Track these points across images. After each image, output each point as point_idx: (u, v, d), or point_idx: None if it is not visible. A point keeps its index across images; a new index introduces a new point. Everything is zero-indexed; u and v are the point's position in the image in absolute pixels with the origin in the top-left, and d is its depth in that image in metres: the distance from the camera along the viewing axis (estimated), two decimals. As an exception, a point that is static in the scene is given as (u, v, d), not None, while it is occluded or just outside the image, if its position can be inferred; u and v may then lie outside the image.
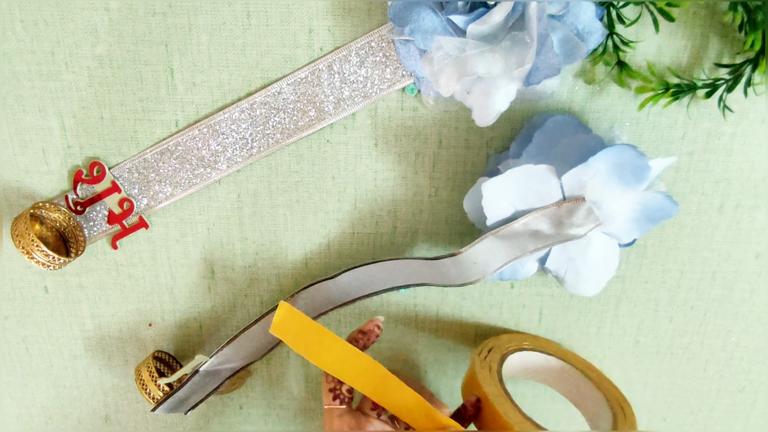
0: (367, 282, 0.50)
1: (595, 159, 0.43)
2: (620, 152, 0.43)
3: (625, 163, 0.43)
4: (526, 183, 0.44)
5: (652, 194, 0.45)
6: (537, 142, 0.45)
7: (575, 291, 0.47)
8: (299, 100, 0.47)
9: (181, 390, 0.51)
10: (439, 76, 0.43)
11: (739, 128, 0.47)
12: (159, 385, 0.51)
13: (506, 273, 0.47)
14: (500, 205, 0.45)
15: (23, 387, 0.59)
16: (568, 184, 0.44)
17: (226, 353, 0.51)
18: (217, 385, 0.53)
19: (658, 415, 0.58)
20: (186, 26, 0.46)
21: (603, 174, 0.43)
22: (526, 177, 0.44)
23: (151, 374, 0.52)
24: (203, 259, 0.53)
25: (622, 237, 0.46)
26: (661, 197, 0.45)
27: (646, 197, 0.45)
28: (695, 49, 0.45)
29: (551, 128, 0.45)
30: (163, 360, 0.55)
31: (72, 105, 0.48)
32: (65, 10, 0.45)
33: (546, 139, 0.45)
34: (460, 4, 0.41)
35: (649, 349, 0.55)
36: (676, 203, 0.45)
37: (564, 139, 0.44)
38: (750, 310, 0.54)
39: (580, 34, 0.42)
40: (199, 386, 0.52)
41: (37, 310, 0.55)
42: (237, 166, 0.49)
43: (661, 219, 0.46)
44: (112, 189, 0.49)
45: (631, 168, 0.43)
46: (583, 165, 0.43)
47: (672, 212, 0.46)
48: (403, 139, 0.49)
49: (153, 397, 0.52)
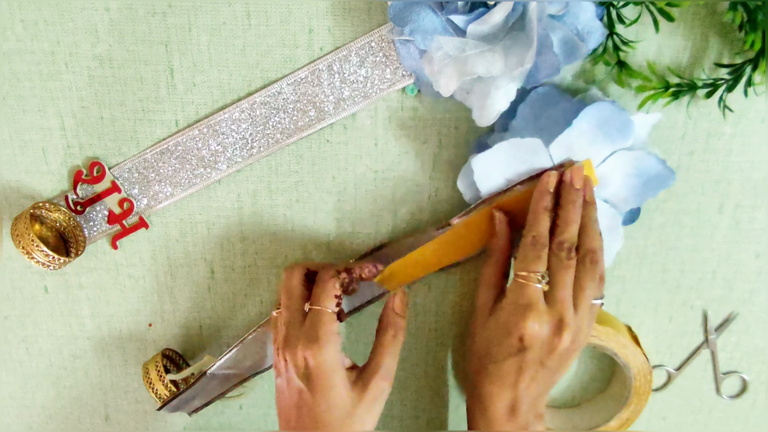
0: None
1: (578, 120, 0.43)
2: (600, 109, 0.43)
3: (607, 120, 0.44)
4: (515, 154, 0.45)
5: (644, 155, 0.45)
6: (522, 114, 0.45)
7: None
8: (299, 100, 0.47)
9: (188, 390, 0.51)
10: (439, 76, 0.43)
11: (739, 128, 0.47)
12: (166, 384, 0.51)
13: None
14: (492, 177, 0.46)
15: (23, 387, 0.59)
16: (556, 151, 0.45)
17: (234, 356, 0.51)
18: (224, 390, 0.53)
19: (658, 415, 0.58)
20: (186, 26, 0.46)
21: (588, 133, 0.44)
22: (515, 149, 0.45)
23: (159, 372, 0.52)
24: (203, 259, 0.53)
25: (620, 205, 0.47)
26: (653, 159, 0.45)
27: (637, 158, 0.45)
28: (695, 48, 0.45)
29: (534, 100, 0.45)
30: (171, 358, 0.55)
31: (72, 105, 0.48)
32: (65, 10, 0.45)
33: (531, 111, 0.45)
34: (460, 4, 0.41)
35: (649, 349, 0.55)
36: (672, 170, 0.46)
37: (548, 110, 0.45)
38: (750, 310, 0.54)
39: (580, 34, 0.42)
40: (205, 388, 0.52)
41: (37, 310, 0.55)
42: (237, 166, 0.49)
43: (659, 187, 0.46)
44: (112, 189, 0.49)
45: (614, 124, 0.44)
46: (568, 129, 0.44)
47: (668, 179, 0.46)
48: (403, 139, 0.49)
49: (159, 395, 0.52)
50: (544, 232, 0.44)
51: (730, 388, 0.57)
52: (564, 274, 0.43)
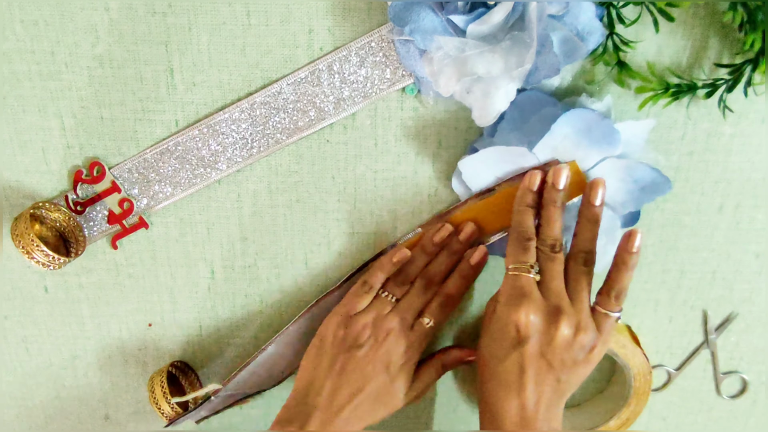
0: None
1: (557, 125, 0.44)
2: (581, 115, 0.44)
3: (591, 126, 0.44)
4: (502, 158, 0.46)
5: (636, 164, 0.45)
6: (509, 117, 0.46)
7: None
8: (299, 100, 0.47)
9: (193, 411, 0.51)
10: (439, 76, 0.43)
11: (738, 128, 0.47)
12: (171, 405, 0.51)
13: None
14: (482, 176, 0.47)
15: (23, 387, 0.59)
16: (541, 153, 0.45)
17: (239, 381, 0.51)
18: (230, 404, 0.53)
19: (658, 415, 0.58)
20: (186, 26, 0.46)
21: (571, 137, 0.44)
22: (501, 154, 0.46)
23: (164, 391, 0.52)
24: (203, 259, 0.53)
25: (618, 209, 0.47)
26: (647, 169, 0.45)
27: (630, 167, 0.45)
28: (695, 49, 0.45)
29: (521, 102, 0.45)
30: (180, 368, 0.55)
31: (72, 105, 0.48)
32: (65, 10, 0.45)
33: (518, 114, 0.46)
34: (460, 4, 0.41)
35: (649, 349, 0.55)
36: (668, 178, 0.46)
37: (533, 116, 0.45)
38: (750, 309, 0.54)
39: (580, 34, 0.42)
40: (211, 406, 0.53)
41: (37, 310, 0.55)
42: (237, 166, 0.49)
43: (655, 193, 0.46)
44: (112, 189, 0.49)
45: (598, 131, 0.44)
46: (549, 133, 0.44)
47: (664, 187, 0.46)
48: (403, 139, 0.49)
49: (163, 412, 0.52)
50: (529, 227, 0.45)
51: (730, 388, 0.57)
52: (552, 265, 0.44)
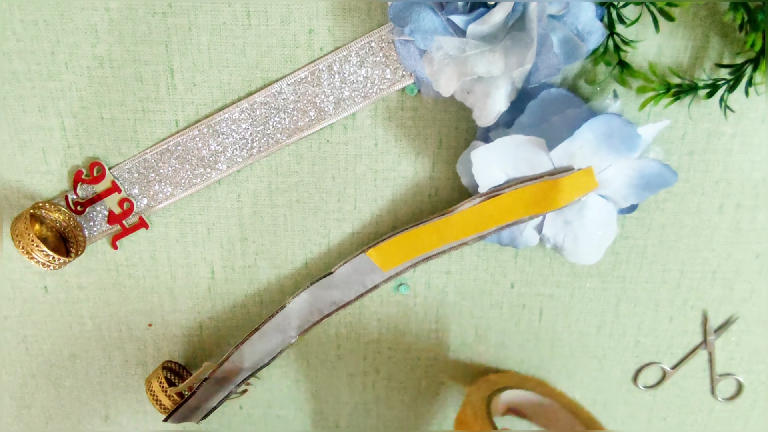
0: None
1: (581, 131, 0.43)
2: (607, 121, 0.43)
3: (613, 132, 0.43)
4: (516, 151, 0.44)
5: (647, 162, 0.45)
6: (530, 113, 0.45)
7: (576, 259, 0.47)
8: (299, 100, 0.47)
9: (192, 398, 0.51)
10: (439, 76, 0.43)
11: (739, 128, 0.47)
12: (170, 396, 0.51)
13: (505, 238, 0.47)
14: (491, 173, 0.45)
15: (23, 387, 0.59)
16: (557, 157, 0.44)
17: (234, 359, 0.51)
18: (228, 392, 0.53)
19: (658, 415, 0.58)
20: (186, 26, 0.45)
21: (591, 143, 0.44)
22: (516, 146, 0.44)
23: (162, 385, 0.52)
24: (203, 259, 0.53)
25: (620, 201, 0.47)
26: (657, 165, 0.45)
27: (641, 165, 0.45)
28: (696, 49, 0.45)
29: (544, 100, 0.45)
30: (173, 370, 0.55)
31: (72, 105, 0.48)
32: (65, 10, 0.45)
33: (539, 111, 0.45)
34: (460, 4, 0.41)
35: (649, 349, 0.55)
36: (675, 173, 0.45)
37: (554, 117, 0.44)
38: (750, 310, 0.54)
39: (580, 34, 0.42)
40: (209, 394, 0.52)
41: (37, 310, 0.55)
42: (237, 166, 0.49)
43: (660, 187, 0.46)
44: (112, 189, 0.49)
45: (620, 137, 0.43)
46: (570, 138, 0.43)
47: (670, 180, 0.45)
48: (403, 139, 0.49)
49: (164, 408, 0.52)
50: None
51: (726, 390, 0.57)
52: None
